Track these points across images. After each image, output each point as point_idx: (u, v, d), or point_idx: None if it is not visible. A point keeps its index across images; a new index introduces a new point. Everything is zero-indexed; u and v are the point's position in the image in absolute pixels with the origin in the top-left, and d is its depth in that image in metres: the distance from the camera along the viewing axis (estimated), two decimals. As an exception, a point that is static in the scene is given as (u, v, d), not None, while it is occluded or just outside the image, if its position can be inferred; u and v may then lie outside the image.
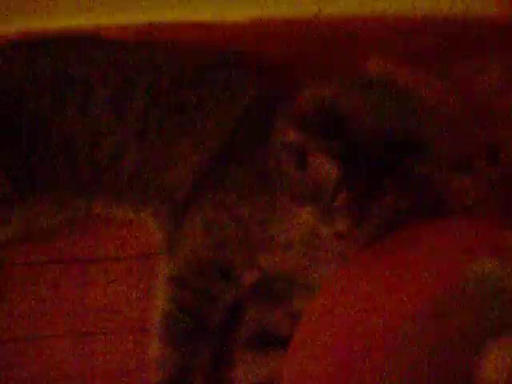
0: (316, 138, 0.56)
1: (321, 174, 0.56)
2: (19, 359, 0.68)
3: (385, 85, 0.64)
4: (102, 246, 0.73)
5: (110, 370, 0.68)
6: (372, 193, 0.55)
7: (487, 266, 0.55)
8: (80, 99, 0.68)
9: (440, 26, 0.84)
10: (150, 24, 0.76)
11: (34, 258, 0.72)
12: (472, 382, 0.51)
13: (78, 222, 0.73)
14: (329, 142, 0.55)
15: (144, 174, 0.68)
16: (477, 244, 0.59)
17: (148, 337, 0.64)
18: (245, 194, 0.64)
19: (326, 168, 0.56)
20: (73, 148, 0.67)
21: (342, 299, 0.60)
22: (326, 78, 0.64)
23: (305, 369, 0.57)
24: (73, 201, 0.70)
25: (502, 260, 0.54)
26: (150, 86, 0.68)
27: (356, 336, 0.56)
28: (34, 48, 0.71)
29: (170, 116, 0.67)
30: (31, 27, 0.75)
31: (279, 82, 0.75)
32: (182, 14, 0.77)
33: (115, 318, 0.70)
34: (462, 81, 0.79)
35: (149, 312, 0.66)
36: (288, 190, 0.60)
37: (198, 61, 0.71)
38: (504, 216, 0.69)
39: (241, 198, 0.64)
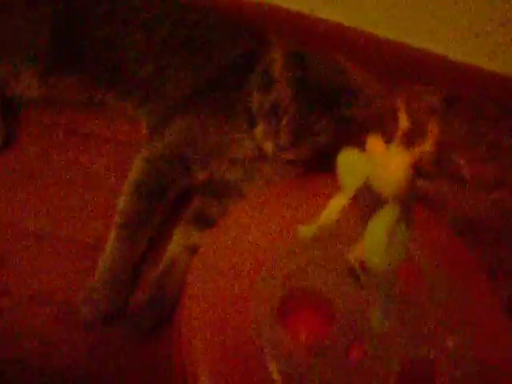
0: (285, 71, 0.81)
1: (279, 98, 0.80)
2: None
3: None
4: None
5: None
6: (311, 125, 0.79)
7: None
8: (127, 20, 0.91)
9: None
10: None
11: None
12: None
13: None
14: (294, 75, 0.80)
15: (152, 82, 0.91)
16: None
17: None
18: (216, 115, 0.88)
19: (284, 93, 0.80)
20: (110, 48, 0.90)
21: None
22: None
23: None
24: (95, 85, 0.92)
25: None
26: (172, 27, 0.92)
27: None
28: None
29: (184, 49, 0.91)
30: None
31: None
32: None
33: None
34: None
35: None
36: (247, 114, 0.84)
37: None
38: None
39: (213, 117, 0.88)
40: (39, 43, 0.88)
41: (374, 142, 0.55)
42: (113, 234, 0.84)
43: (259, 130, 0.83)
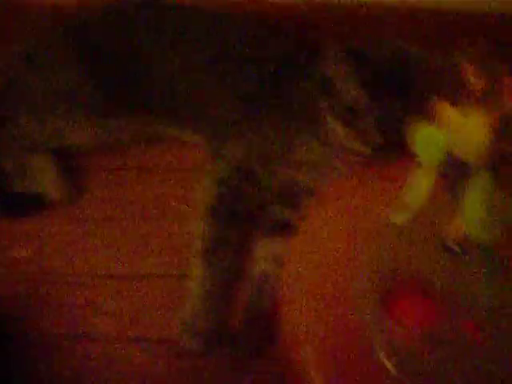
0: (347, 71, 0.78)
1: (354, 101, 0.78)
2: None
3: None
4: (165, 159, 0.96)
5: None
6: (392, 116, 0.76)
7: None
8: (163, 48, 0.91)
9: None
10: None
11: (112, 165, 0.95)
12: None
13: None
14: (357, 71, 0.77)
15: (201, 104, 0.90)
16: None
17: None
18: (272, 120, 0.87)
19: (358, 96, 0.77)
20: (160, 83, 0.90)
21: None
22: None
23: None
24: (149, 119, 0.93)
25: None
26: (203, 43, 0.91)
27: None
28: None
29: (221, 63, 0.90)
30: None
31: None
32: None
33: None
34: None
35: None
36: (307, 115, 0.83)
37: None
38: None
39: (269, 124, 0.87)
40: (88, 90, 0.89)
41: (446, 110, 0.52)
42: (198, 261, 0.83)
43: (340, 133, 0.81)
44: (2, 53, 0.93)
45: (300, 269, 0.78)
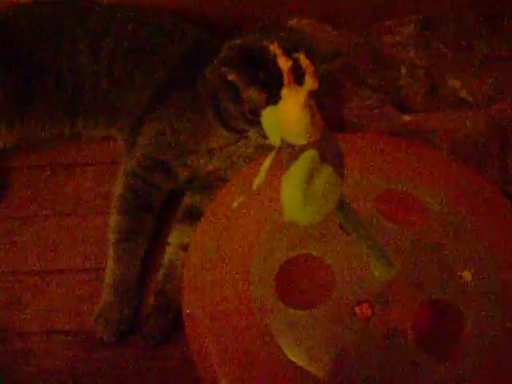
0: (246, 74, 0.79)
1: (253, 104, 0.78)
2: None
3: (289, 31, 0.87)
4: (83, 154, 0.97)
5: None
6: None
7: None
8: (71, 46, 0.92)
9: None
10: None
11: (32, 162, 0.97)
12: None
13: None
14: (256, 75, 0.78)
15: (112, 97, 0.91)
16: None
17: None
18: (182, 113, 0.87)
19: (257, 98, 0.77)
20: (64, 79, 0.91)
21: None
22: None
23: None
24: (61, 119, 0.94)
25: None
26: (116, 38, 0.92)
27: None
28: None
29: (131, 56, 0.91)
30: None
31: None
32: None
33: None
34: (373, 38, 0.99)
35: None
36: (219, 117, 0.84)
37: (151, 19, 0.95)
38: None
39: (178, 116, 0.87)
40: None
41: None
42: (110, 252, 0.84)
43: (251, 133, 0.83)
44: None
45: (201, 257, 0.78)
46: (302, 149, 0.49)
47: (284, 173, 0.51)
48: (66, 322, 0.85)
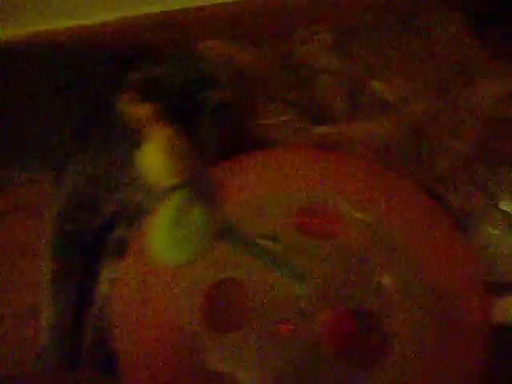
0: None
1: None
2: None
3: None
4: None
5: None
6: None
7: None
8: None
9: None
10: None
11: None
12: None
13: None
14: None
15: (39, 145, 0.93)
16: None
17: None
18: (99, 152, 0.89)
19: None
20: None
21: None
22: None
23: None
24: None
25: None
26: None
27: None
28: None
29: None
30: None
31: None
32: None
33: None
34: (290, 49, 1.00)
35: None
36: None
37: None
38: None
39: (96, 156, 0.89)
40: None
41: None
42: (44, 295, 0.86)
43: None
44: None
45: (128, 294, 0.79)
46: (169, 190, 0.50)
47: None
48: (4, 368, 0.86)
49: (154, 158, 0.48)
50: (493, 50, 0.97)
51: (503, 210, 0.86)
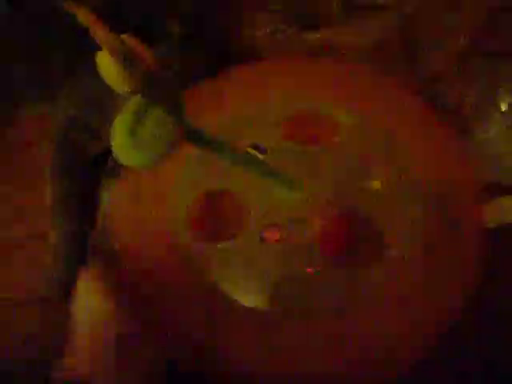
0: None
1: None
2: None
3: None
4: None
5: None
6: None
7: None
8: None
9: None
10: None
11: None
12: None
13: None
14: None
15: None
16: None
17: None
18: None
19: None
20: None
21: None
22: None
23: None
24: None
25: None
26: None
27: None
28: None
29: None
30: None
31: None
32: None
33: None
34: None
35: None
36: None
37: None
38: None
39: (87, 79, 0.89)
40: None
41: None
42: (51, 218, 0.89)
43: None
44: None
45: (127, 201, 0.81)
46: (128, 96, 0.50)
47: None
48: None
49: (105, 66, 0.48)
50: None
51: (501, 107, 0.83)
